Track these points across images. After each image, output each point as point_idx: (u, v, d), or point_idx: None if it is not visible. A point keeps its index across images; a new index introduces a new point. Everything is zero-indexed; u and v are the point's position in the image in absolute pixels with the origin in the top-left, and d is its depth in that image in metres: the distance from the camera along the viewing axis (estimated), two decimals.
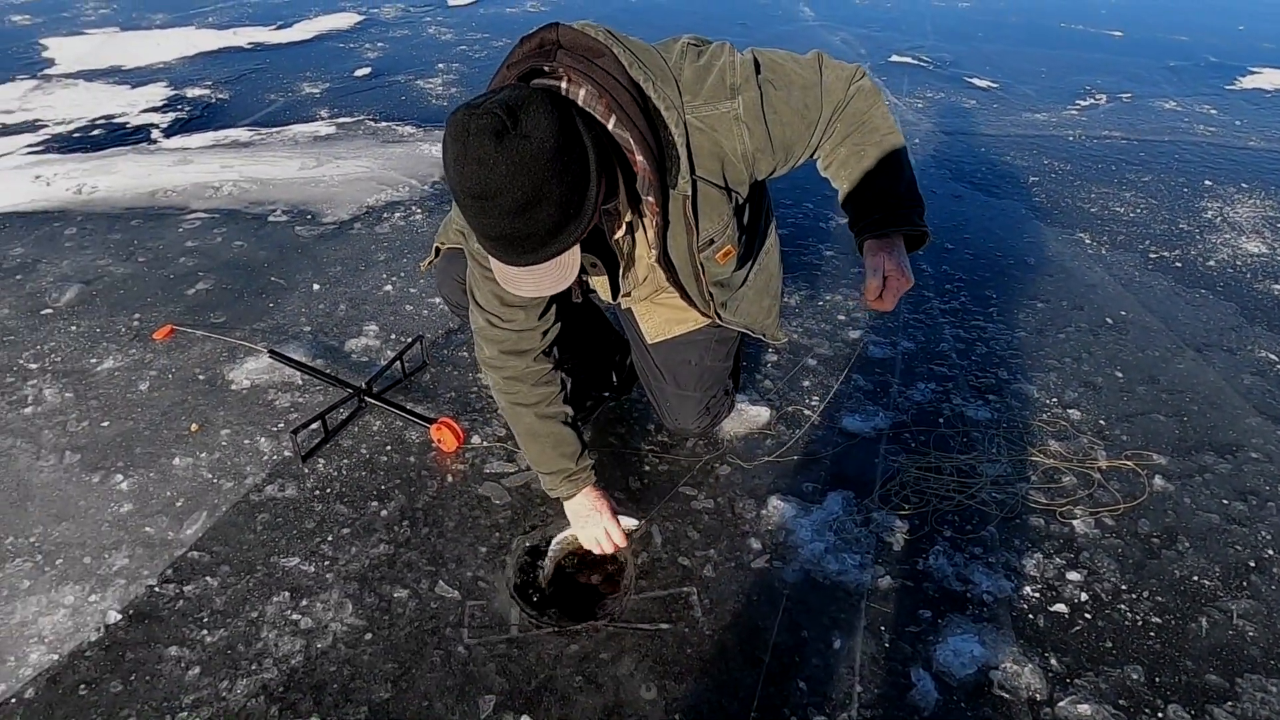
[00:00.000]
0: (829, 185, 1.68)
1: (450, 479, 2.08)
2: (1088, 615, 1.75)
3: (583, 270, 1.64)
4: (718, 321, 1.85)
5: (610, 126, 1.34)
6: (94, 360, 2.53)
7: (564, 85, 1.33)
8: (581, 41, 1.35)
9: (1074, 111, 5.25)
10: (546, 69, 1.33)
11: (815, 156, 1.65)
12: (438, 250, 2.04)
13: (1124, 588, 1.82)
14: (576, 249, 1.30)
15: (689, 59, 1.45)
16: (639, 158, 1.37)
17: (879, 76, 5.81)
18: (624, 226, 1.53)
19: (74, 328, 2.69)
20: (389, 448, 2.18)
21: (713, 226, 1.59)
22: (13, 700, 1.55)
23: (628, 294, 1.81)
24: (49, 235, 3.32)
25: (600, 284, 1.75)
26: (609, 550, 1.79)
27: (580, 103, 1.32)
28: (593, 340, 2.19)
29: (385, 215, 3.52)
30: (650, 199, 1.43)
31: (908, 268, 1.55)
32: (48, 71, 5.61)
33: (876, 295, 1.54)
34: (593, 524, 1.78)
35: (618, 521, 1.79)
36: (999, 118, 5.07)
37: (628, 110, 1.33)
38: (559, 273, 1.30)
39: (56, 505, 1.99)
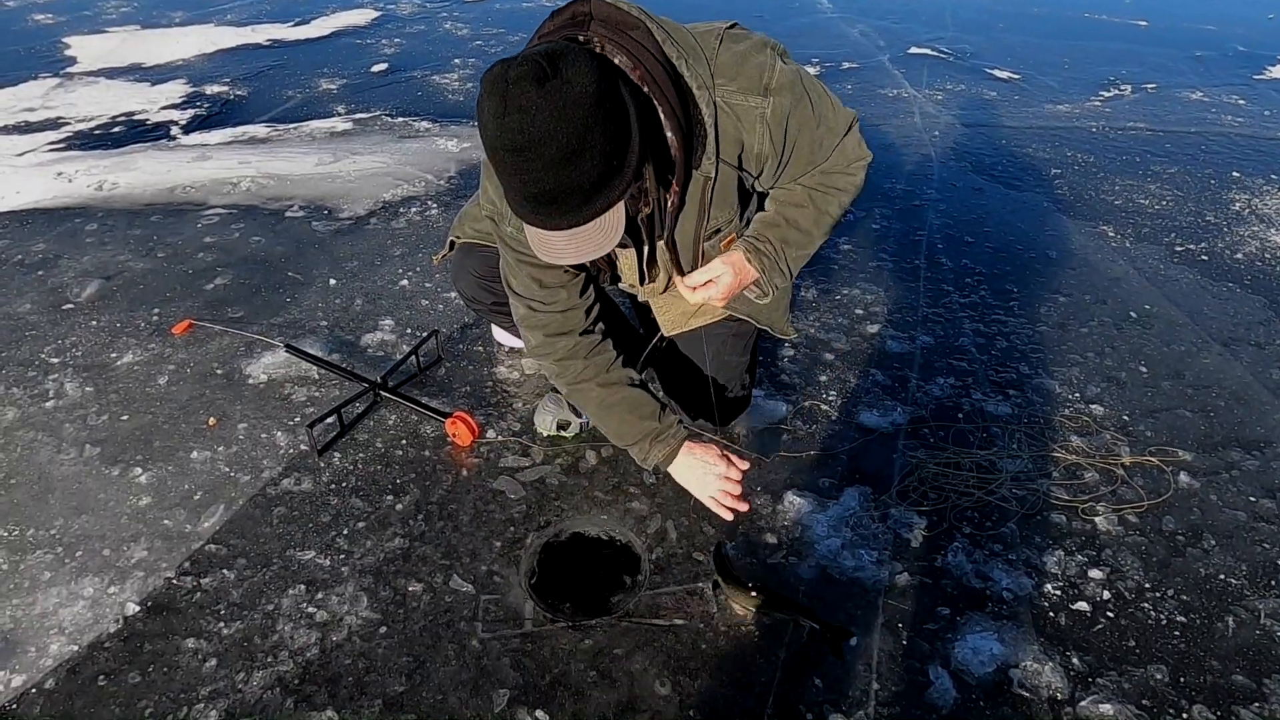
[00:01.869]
0: None
1: (465, 473, 2.08)
2: (1110, 614, 1.72)
3: (609, 256, 1.64)
4: (725, 310, 1.84)
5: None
6: (114, 355, 2.55)
7: (595, 46, 1.30)
8: (614, 15, 1.33)
9: (1097, 103, 5.16)
10: (580, 38, 1.29)
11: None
12: (452, 244, 2.04)
13: (1148, 586, 1.79)
14: (621, 208, 1.25)
15: (726, 43, 1.43)
16: (669, 133, 1.34)
17: (898, 69, 5.76)
18: (651, 204, 1.49)
19: (94, 322, 2.72)
20: (404, 442, 2.18)
21: (722, 216, 1.58)
22: (33, 690, 1.56)
23: (652, 281, 1.78)
24: (70, 231, 3.35)
25: (628, 264, 1.71)
26: (734, 504, 1.69)
27: (617, 65, 1.30)
28: (616, 330, 2.17)
29: (401, 210, 3.53)
30: (674, 178, 1.41)
31: (737, 283, 1.64)
32: (70, 69, 5.67)
33: (703, 282, 1.64)
34: (710, 481, 1.68)
35: (734, 464, 1.69)
36: (1020, 109, 4.99)
37: (660, 83, 1.30)
38: (602, 235, 1.25)
39: (77, 498, 2.01)
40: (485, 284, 2.06)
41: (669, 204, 1.47)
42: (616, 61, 1.29)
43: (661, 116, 1.33)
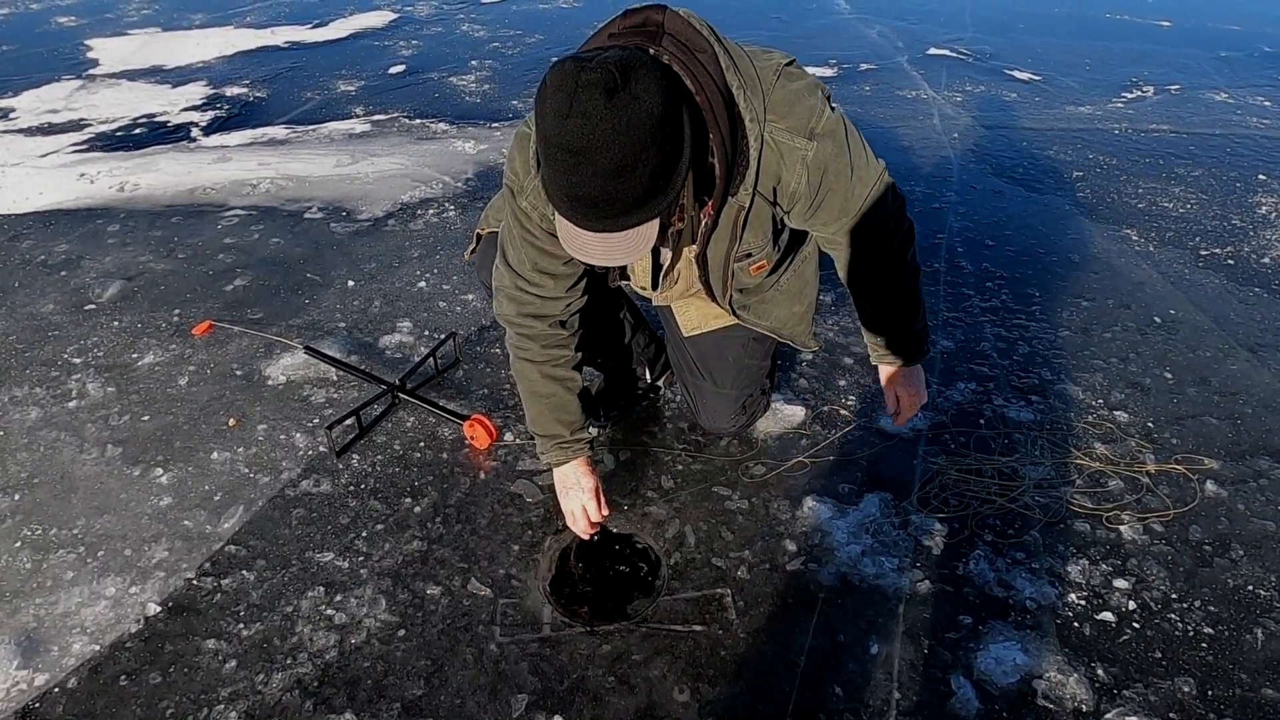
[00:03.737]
0: None
1: (483, 476, 2.08)
2: (1136, 624, 1.70)
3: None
4: (737, 319, 1.84)
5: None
6: (135, 355, 2.57)
7: (670, 64, 1.30)
8: (687, 32, 1.34)
9: (1120, 104, 5.10)
10: (652, 50, 1.29)
11: (814, 232, 1.69)
12: (479, 237, 2.04)
13: (1174, 596, 1.76)
14: (655, 224, 1.27)
15: (783, 79, 1.44)
16: (714, 159, 1.37)
17: (917, 70, 5.72)
18: (686, 219, 1.51)
19: (116, 323, 2.74)
20: (422, 444, 2.19)
21: (755, 241, 1.61)
22: (55, 690, 1.58)
23: (665, 292, 1.79)
24: (93, 232, 3.38)
25: (642, 268, 1.73)
26: (582, 528, 1.78)
27: (685, 85, 1.30)
28: (626, 336, 2.17)
29: (419, 212, 3.54)
30: (710, 201, 1.44)
31: (921, 387, 1.86)
32: (92, 72, 5.74)
33: (894, 412, 1.87)
34: (573, 497, 1.77)
35: (599, 499, 1.77)
36: (1041, 111, 4.95)
37: (716, 111, 1.33)
38: (632, 245, 1.27)
39: (99, 498, 2.03)
40: None
41: (702, 223, 1.51)
42: (685, 82, 1.30)
43: (711, 143, 1.35)
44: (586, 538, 1.81)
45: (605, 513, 1.80)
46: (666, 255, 1.69)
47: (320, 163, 4.08)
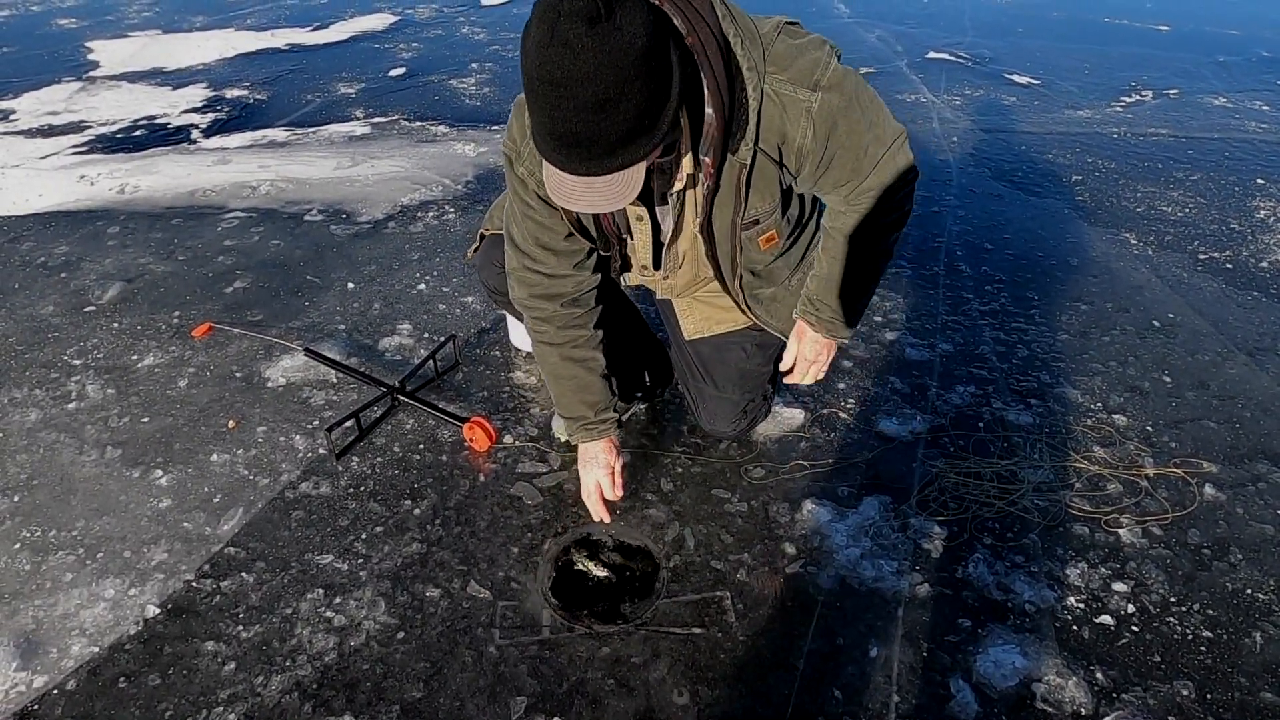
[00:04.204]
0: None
1: (482, 478, 2.08)
2: (1135, 628, 1.70)
3: (627, 230, 1.60)
4: (749, 315, 1.83)
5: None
6: (135, 357, 2.57)
7: (660, 4, 1.27)
8: None
9: (1118, 108, 5.11)
10: None
11: (824, 197, 1.65)
12: (482, 237, 2.04)
13: (1173, 600, 1.76)
14: (642, 169, 1.23)
15: (784, 35, 1.42)
16: (709, 109, 1.32)
17: (917, 74, 5.73)
18: (684, 178, 1.47)
19: (116, 325, 2.74)
20: (422, 446, 2.19)
21: (761, 205, 1.55)
22: (54, 691, 1.57)
23: (666, 276, 1.76)
24: (92, 234, 3.39)
25: (642, 243, 1.65)
26: (597, 509, 1.80)
27: (674, 25, 1.27)
28: (627, 341, 2.17)
29: (419, 215, 3.54)
30: (708, 159, 1.39)
31: (825, 362, 1.84)
32: (92, 73, 5.74)
33: (787, 369, 1.85)
34: (590, 473, 1.79)
35: (615, 478, 1.78)
36: (1040, 115, 4.96)
37: (710, 56, 1.28)
38: (617, 190, 1.23)
39: (98, 500, 2.03)
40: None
41: (705, 185, 1.45)
42: (675, 21, 1.26)
43: (705, 90, 1.30)
44: (597, 519, 1.82)
45: (620, 493, 1.80)
46: (668, 230, 1.63)
47: (320, 165, 4.08)
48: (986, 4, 8.19)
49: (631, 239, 1.66)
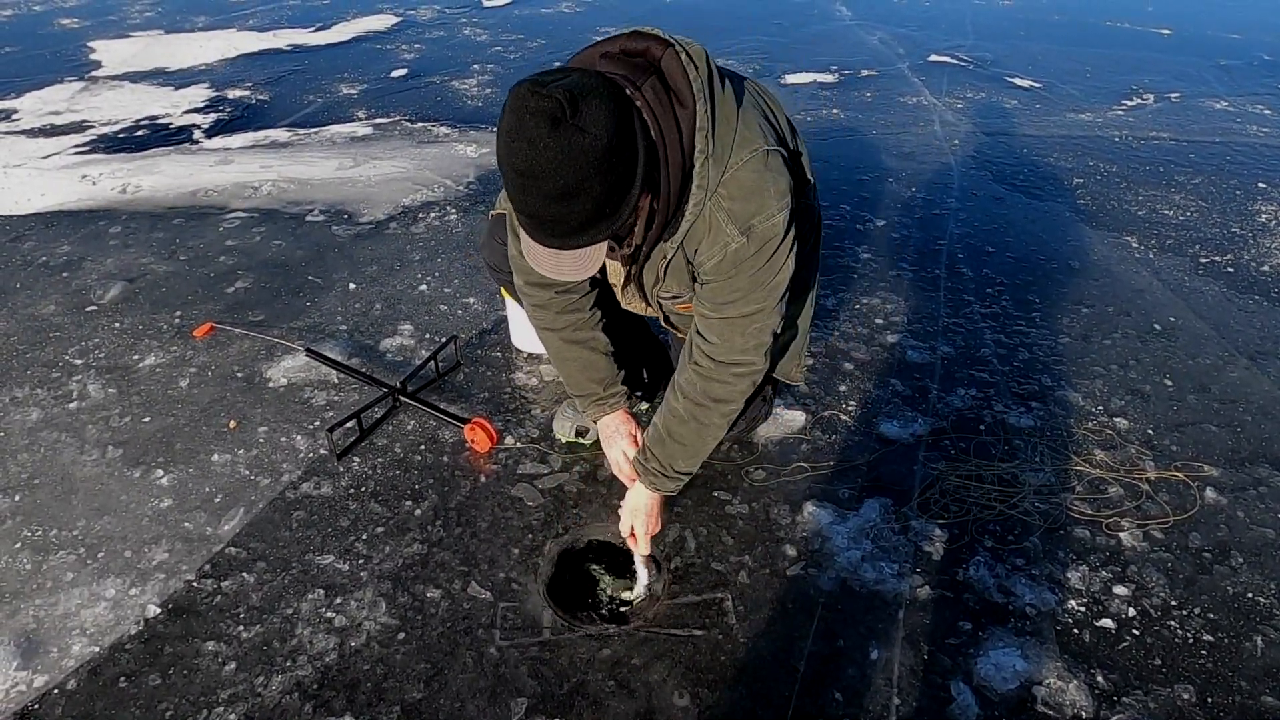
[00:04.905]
0: (865, 188, 1.70)
1: (483, 479, 2.08)
2: (1136, 631, 1.70)
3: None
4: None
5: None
6: (136, 357, 2.57)
7: (638, 103, 1.31)
8: (677, 80, 1.34)
9: (1120, 112, 5.12)
10: (628, 91, 1.30)
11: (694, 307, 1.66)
12: (494, 216, 2.06)
13: (1174, 604, 1.76)
14: (604, 246, 1.31)
15: (756, 162, 1.43)
16: (657, 204, 1.39)
17: (918, 76, 5.73)
18: (631, 246, 1.53)
19: (117, 324, 2.74)
20: (423, 447, 2.19)
21: (676, 287, 1.64)
22: (55, 691, 1.57)
23: (629, 304, 1.84)
24: (94, 233, 3.39)
25: (613, 270, 1.75)
26: (626, 473, 1.83)
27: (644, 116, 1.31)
28: (628, 340, 2.17)
29: (420, 215, 3.54)
30: (649, 234, 1.46)
31: (656, 516, 1.78)
32: (95, 73, 5.74)
33: (629, 537, 1.79)
34: (615, 445, 1.85)
35: (638, 444, 1.83)
36: (1042, 118, 4.96)
37: (671, 167, 1.35)
38: (580, 263, 1.32)
39: (99, 499, 2.03)
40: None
41: (641, 253, 1.54)
42: (649, 127, 1.31)
43: (660, 188, 1.37)
44: (630, 484, 1.81)
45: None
46: (624, 272, 1.72)
47: (322, 165, 4.09)
48: (988, 7, 8.20)
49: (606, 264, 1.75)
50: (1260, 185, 3.99)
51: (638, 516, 1.77)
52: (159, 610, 1.73)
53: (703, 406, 1.64)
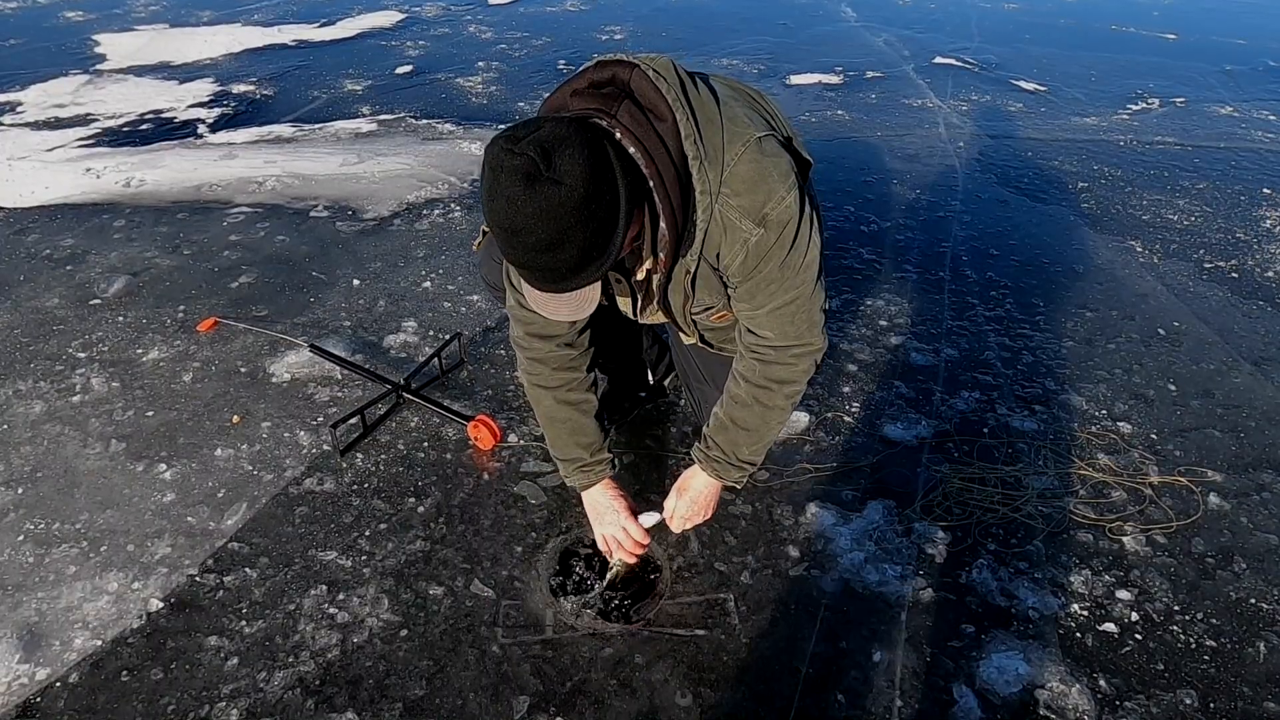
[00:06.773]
0: (869, 190, 1.68)
1: (486, 477, 2.08)
2: (1138, 635, 1.70)
3: (608, 285, 1.66)
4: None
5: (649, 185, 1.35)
6: (140, 351, 2.57)
7: (616, 135, 1.31)
8: (650, 99, 1.34)
9: (1125, 116, 5.11)
10: (605, 123, 1.31)
11: (740, 319, 1.64)
12: (484, 233, 2.05)
13: (1177, 608, 1.76)
14: (597, 285, 1.33)
15: (750, 153, 1.42)
16: (663, 224, 1.39)
17: (924, 79, 5.73)
18: (643, 272, 1.54)
19: (121, 318, 2.74)
20: (426, 444, 2.19)
21: (709, 298, 1.62)
22: (57, 684, 1.57)
23: (649, 319, 1.80)
24: (98, 227, 3.39)
25: (624, 303, 1.73)
26: (629, 550, 1.75)
27: (628, 148, 1.31)
28: (630, 341, 2.17)
29: (425, 212, 3.54)
30: (662, 257, 1.45)
31: (709, 507, 1.78)
32: (99, 67, 5.74)
33: (668, 516, 1.77)
34: (609, 522, 1.77)
35: (636, 521, 1.76)
36: (1047, 122, 4.96)
37: (667, 183, 1.35)
38: (575, 304, 1.34)
39: (102, 493, 2.03)
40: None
41: (656, 277, 1.53)
42: (630, 151, 1.31)
43: (660, 212, 1.37)
44: (632, 561, 1.78)
45: (645, 540, 1.77)
46: (636, 302, 1.69)
47: (326, 161, 4.09)
48: (994, 10, 8.19)
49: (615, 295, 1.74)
50: (1265, 191, 3.99)
51: (694, 503, 1.74)
52: (161, 604, 1.73)
53: (765, 389, 1.61)
